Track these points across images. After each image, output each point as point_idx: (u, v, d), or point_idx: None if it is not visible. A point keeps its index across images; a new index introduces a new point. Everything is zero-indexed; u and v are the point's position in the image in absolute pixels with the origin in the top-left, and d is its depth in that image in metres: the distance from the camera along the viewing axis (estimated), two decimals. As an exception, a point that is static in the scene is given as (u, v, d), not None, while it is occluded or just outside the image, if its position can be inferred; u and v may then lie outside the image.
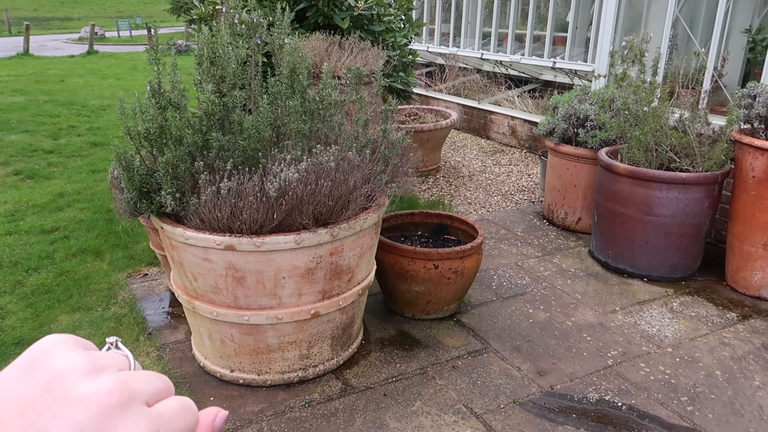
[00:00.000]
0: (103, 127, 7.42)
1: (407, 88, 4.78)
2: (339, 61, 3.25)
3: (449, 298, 2.95)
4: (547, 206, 4.42)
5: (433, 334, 2.89)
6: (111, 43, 23.00)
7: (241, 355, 2.42)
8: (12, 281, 3.33)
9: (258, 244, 2.12)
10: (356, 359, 2.67)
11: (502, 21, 8.07)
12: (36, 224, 4.15)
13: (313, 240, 2.18)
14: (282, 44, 2.50)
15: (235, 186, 2.09)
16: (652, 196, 3.31)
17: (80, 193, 4.83)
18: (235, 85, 2.31)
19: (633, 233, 3.45)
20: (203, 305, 2.33)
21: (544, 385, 2.50)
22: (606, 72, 4.59)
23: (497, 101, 7.38)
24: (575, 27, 7.10)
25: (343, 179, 2.16)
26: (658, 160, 3.48)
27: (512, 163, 6.05)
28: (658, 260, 3.43)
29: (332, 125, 2.36)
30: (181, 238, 2.19)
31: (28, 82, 11.40)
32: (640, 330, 2.94)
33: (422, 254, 2.81)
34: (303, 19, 3.93)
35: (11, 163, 5.73)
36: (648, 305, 3.19)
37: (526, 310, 3.12)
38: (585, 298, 3.27)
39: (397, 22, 4.48)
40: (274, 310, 2.29)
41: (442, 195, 5.00)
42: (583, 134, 3.96)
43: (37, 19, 35.21)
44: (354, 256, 2.38)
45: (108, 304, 3.10)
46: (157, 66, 2.21)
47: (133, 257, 3.64)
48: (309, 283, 2.28)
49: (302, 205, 2.10)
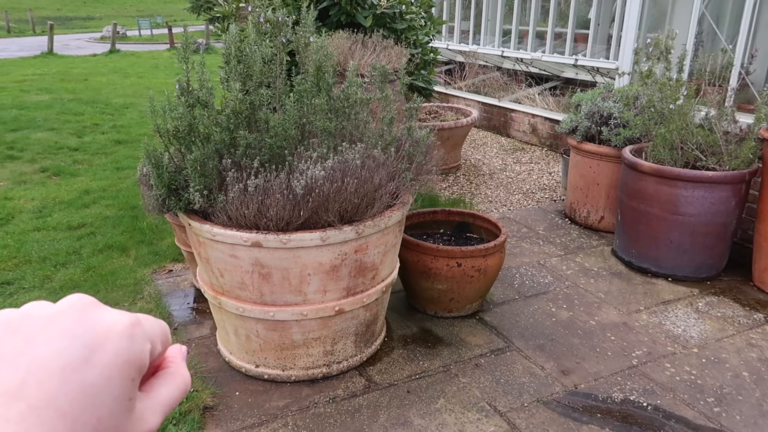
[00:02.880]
0: (126, 125, 7.53)
1: (429, 86, 4.78)
2: (362, 59, 3.26)
3: (472, 296, 2.95)
4: (570, 205, 4.39)
5: (455, 332, 2.89)
6: (132, 42, 23.29)
7: (266, 351, 2.45)
8: (41, 276, 3.40)
9: (284, 241, 2.14)
10: (379, 356, 2.68)
11: (523, 18, 8.03)
12: (63, 220, 4.23)
13: (339, 237, 2.20)
14: (307, 43, 2.52)
15: (262, 183, 2.12)
16: (677, 194, 3.28)
17: (105, 190, 4.91)
18: (262, 84, 2.34)
19: (657, 232, 3.42)
20: (229, 301, 2.36)
21: (568, 384, 2.49)
22: (630, 69, 4.54)
23: (518, 99, 7.34)
24: (597, 24, 7.04)
25: (369, 177, 2.17)
26: (684, 159, 3.44)
27: (533, 161, 6.02)
28: (683, 260, 3.39)
29: (357, 123, 2.37)
30: (208, 234, 2.22)
31: (53, 80, 11.60)
32: (665, 330, 2.91)
33: (445, 252, 2.82)
34: (326, 18, 3.95)
35: (38, 160, 5.84)
36: (673, 305, 3.16)
37: (549, 309, 3.11)
38: (608, 297, 3.25)
39: (418, 20, 4.48)
40: (299, 307, 2.31)
41: (463, 193, 4.99)
42: (607, 132, 3.92)
43: (60, 19, 35.75)
44: (378, 253, 2.39)
45: (134, 300, 3.15)
46: (186, 64, 2.24)
47: (158, 253, 3.69)
48: (334, 280, 2.30)
49: (328, 203, 2.12)
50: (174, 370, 0.41)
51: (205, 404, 2.33)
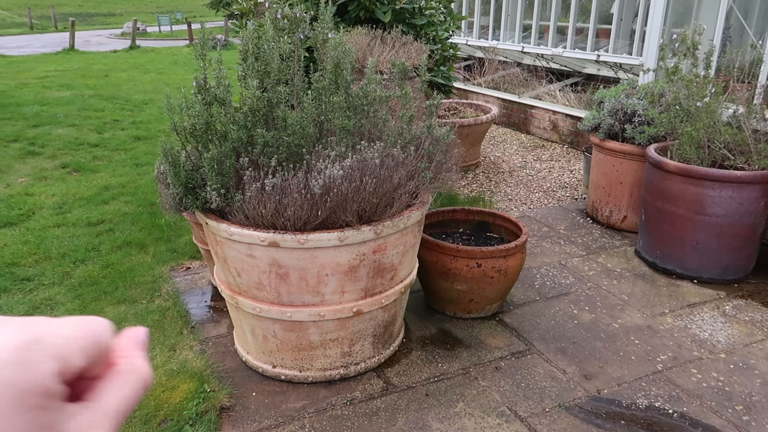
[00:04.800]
0: (145, 121, 7.57)
1: (448, 83, 4.71)
2: (381, 55, 3.21)
3: (492, 297, 2.90)
4: (591, 204, 4.30)
5: (475, 333, 2.84)
6: (152, 38, 23.46)
7: (283, 351, 2.42)
8: (60, 272, 3.42)
9: (302, 241, 2.11)
10: (397, 357, 2.64)
11: (543, 13, 7.91)
12: (83, 217, 4.25)
13: (357, 237, 2.16)
14: (325, 39, 2.48)
15: (280, 182, 2.08)
16: (704, 194, 3.19)
17: (124, 186, 4.93)
18: (279, 81, 2.30)
19: (683, 233, 3.33)
20: (246, 301, 2.34)
21: (590, 390, 2.43)
22: (655, 65, 4.44)
23: (538, 95, 7.24)
24: (620, 18, 6.91)
25: (388, 176, 2.13)
26: (711, 158, 3.34)
27: (554, 158, 5.93)
28: (709, 261, 3.30)
29: (376, 121, 2.33)
30: (225, 233, 2.20)
31: (74, 76, 11.71)
32: (690, 334, 2.84)
33: (465, 252, 2.77)
34: (344, 14, 3.90)
35: (58, 156, 5.89)
36: (699, 308, 3.08)
37: (571, 311, 3.05)
38: (632, 299, 3.17)
39: (438, 16, 4.42)
40: (317, 308, 2.28)
41: (482, 191, 4.92)
42: (631, 130, 3.83)
43: (82, 15, 36.17)
44: (397, 253, 2.35)
45: (152, 297, 3.15)
46: (203, 62, 2.22)
47: (176, 251, 3.69)
48: (352, 280, 2.26)
49: (346, 203, 2.08)
50: (124, 367, 0.36)
51: (221, 405, 2.31)
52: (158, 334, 2.78)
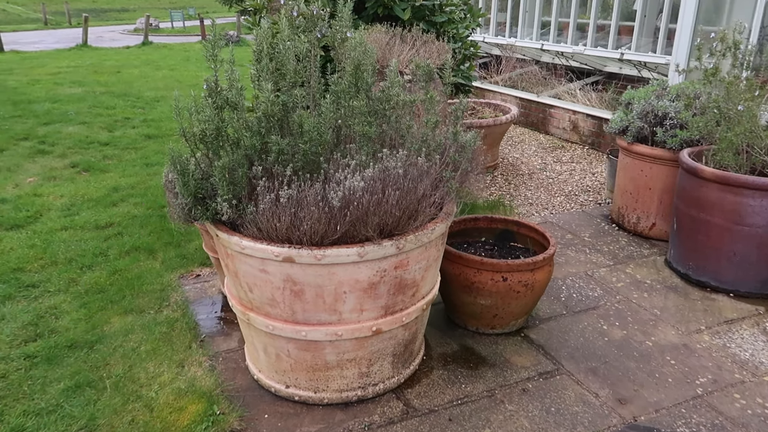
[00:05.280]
0: (156, 119, 7.46)
1: (468, 83, 4.54)
2: (401, 55, 3.05)
3: (517, 312, 2.73)
4: (617, 209, 4.12)
5: (499, 350, 2.68)
6: (165, 34, 23.43)
7: (297, 371, 2.28)
8: (67, 279, 3.30)
9: (318, 256, 1.96)
10: (418, 377, 2.49)
11: (562, 9, 7.70)
12: (91, 219, 4.13)
13: (378, 253, 2.01)
14: (344, 38, 2.32)
15: (296, 194, 1.93)
16: (743, 203, 3.00)
17: (134, 187, 4.81)
18: (296, 84, 2.15)
19: (719, 243, 3.15)
20: (258, 318, 2.20)
21: (626, 416, 2.26)
22: (685, 64, 4.24)
23: (557, 94, 7.04)
24: (644, 15, 6.68)
25: (412, 188, 1.97)
26: (749, 164, 3.15)
27: (574, 160, 5.74)
28: (747, 274, 3.12)
29: (399, 127, 2.17)
30: (237, 247, 2.06)
31: (86, 73, 11.65)
32: (730, 354, 2.66)
33: (490, 265, 2.60)
34: (362, 10, 3.74)
35: (68, 155, 5.79)
36: (737, 325, 2.90)
37: (600, 327, 2.88)
38: (665, 314, 3.00)
39: (458, 12, 4.24)
40: (334, 326, 2.13)
41: (502, 194, 4.75)
42: (662, 133, 3.64)
43: (95, 11, 36.27)
44: (420, 269, 2.19)
45: (160, 307, 3.02)
46: (214, 63, 2.07)
47: (186, 256, 3.55)
48: (371, 298, 2.11)
49: (367, 216, 1.93)
50: None
51: (231, 428, 2.17)
52: (166, 348, 2.65)
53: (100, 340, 2.72)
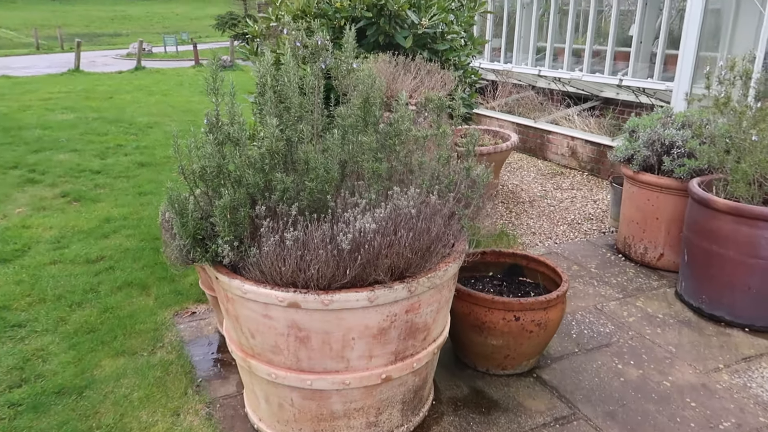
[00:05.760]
0: (150, 146, 7.34)
1: (469, 110, 4.47)
2: (405, 84, 2.98)
3: (530, 352, 2.61)
4: (623, 239, 4.03)
5: (511, 393, 2.55)
6: (158, 59, 23.43)
7: (301, 421, 2.14)
8: (55, 318, 3.15)
9: (326, 302, 1.84)
10: (428, 424, 2.35)
11: (558, 35, 7.71)
12: (81, 252, 3.99)
13: (389, 297, 1.89)
14: (350, 69, 2.23)
15: (302, 235, 1.82)
16: (758, 236, 2.91)
17: (126, 218, 4.67)
18: (301, 118, 2.05)
19: (733, 277, 3.05)
20: (261, 365, 2.06)
21: (650, 466, 2.14)
22: (688, 90, 4.20)
23: (555, 120, 7.00)
24: (639, 41, 6.69)
25: (426, 228, 1.86)
26: (761, 195, 3.08)
27: (574, 187, 5.67)
28: (763, 309, 3.02)
29: (408, 162, 2.07)
30: (238, 291, 1.93)
31: (78, 98, 11.54)
32: (752, 395, 2.54)
33: (501, 304, 2.49)
34: (362, 38, 3.68)
35: (59, 184, 5.65)
36: (756, 362, 2.79)
37: (615, 366, 2.76)
38: (680, 351, 2.88)
39: (459, 40, 4.19)
40: (341, 374, 2.00)
41: (504, 224, 4.65)
42: (669, 162, 3.57)
43: (88, 36, 36.34)
44: (431, 312, 2.07)
45: (154, 348, 2.87)
46: (216, 97, 1.97)
47: (181, 292, 3.42)
48: (381, 344, 1.99)
49: (378, 259, 1.81)
50: None
51: (231, 485, 2.03)
52: (160, 394, 2.50)
53: (90, 385, 2.57)
